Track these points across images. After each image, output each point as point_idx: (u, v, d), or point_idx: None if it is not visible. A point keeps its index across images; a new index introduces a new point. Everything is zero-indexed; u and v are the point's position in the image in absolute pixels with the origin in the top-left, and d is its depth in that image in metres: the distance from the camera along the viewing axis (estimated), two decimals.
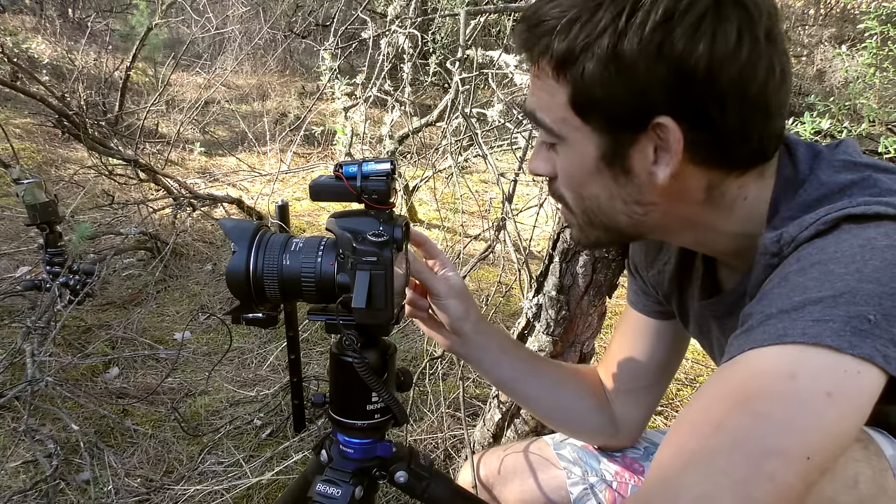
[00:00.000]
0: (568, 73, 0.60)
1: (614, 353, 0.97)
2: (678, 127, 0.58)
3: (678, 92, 0.57)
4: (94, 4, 7.31)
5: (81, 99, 3.99)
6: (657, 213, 0.66)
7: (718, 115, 0.58)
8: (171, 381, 2.04)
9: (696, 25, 0.55)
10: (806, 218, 0.59)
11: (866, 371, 0.48)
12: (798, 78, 5.47)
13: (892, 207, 0.55)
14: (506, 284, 2.34)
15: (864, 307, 0.49)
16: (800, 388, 0.48)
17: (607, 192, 0.66)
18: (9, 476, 1.57)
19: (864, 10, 3.82)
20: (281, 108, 5.78)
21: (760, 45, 0.57)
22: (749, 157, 0.63)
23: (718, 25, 0.55)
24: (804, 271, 0.54)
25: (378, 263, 0.72)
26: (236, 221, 0.77)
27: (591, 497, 0.97)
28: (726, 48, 0.55)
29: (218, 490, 1.54)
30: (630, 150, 0.62)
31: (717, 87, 0.57)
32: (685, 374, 2.24)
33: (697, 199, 0.65)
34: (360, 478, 0.83)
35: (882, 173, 0.61)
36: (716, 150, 0.61)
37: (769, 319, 0.53)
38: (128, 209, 3.22)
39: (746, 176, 0.64)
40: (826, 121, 1.74)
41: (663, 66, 0.56)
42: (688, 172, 0.62)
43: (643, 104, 0.59)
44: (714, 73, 0.56)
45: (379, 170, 0.72)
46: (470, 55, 2.01)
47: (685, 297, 0.83)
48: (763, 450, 0.47)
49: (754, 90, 0.58)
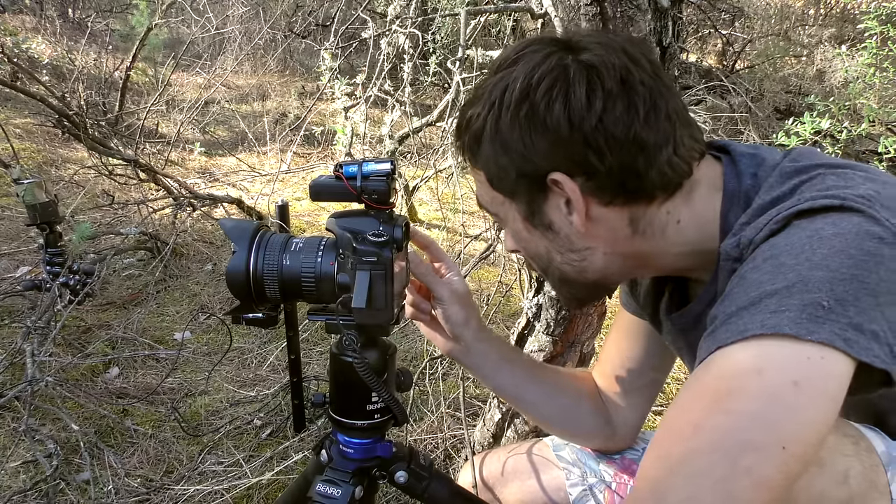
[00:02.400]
0: (475, 160, 0.71)
1: (609, 354, 0.98)
2: (570, 179, 0.66)
3: (556, 151, 0.65)
4: (94, 4, 7.31)
5: (81, 99, 3.98)
6: (596, 256, 0.71)
7: (598, 161, 0.64)
8: (171, 381, 2.04)
9: (549, 93, 0.63)
10: (760, 220, 0.61)
11: (830, 356, 0.50)
12: (798, 78, 5.47)
13: (837, 199, 0.57)
14: (506, 284, 2.34)
15: (816, 294, 0.51)
16: (767, 382, 0.50)
17: (544, 247, 0.73)
18: (9, 476, 1.57)
19: (864, 10, 3.82)
20: (281, 108, 5.79)
21: (613, 93, 0.63)
22: (655, 187, 0.67)
23: (568, 88, 0.63)
24: (758, 268, 0.56)
25: (378, 263, 0.72)
26: (236, 221, 0.77)
27: (590, 498, 0.97)
28: (580, 105, 0.63)
29: (218, 490, 1.54)
30: (544, 207, 0.70)
31: (585, 139, 0.63)
32: (685, 374, 2.24)
33: (626, 234, 0.69)
34: (360, 478, 0.83)
35: (831, 170, 0.63)
36: (615, 190, 0.66)
37: (730, 318, 0.55)
38: (128, 209, 3.22)
39: (672, 201, 0.68)
40: (826, 121, 1.74)
41: (534, 132, 0.65)
42: (603, 214, 0.68)
43: (533, 168, 0.66)
44: (576, 128, 0.63)
45: (379, 170, 0.72)
46: (470, 55, 2.01)
47: (659, 314, 0.85)
48: (739, 446, 0.49)
49: (620, 132, 0.63)
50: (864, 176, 0.61)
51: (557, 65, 0.64)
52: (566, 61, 0.64)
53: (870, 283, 0.51)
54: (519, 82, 0.65)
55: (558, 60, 0.64)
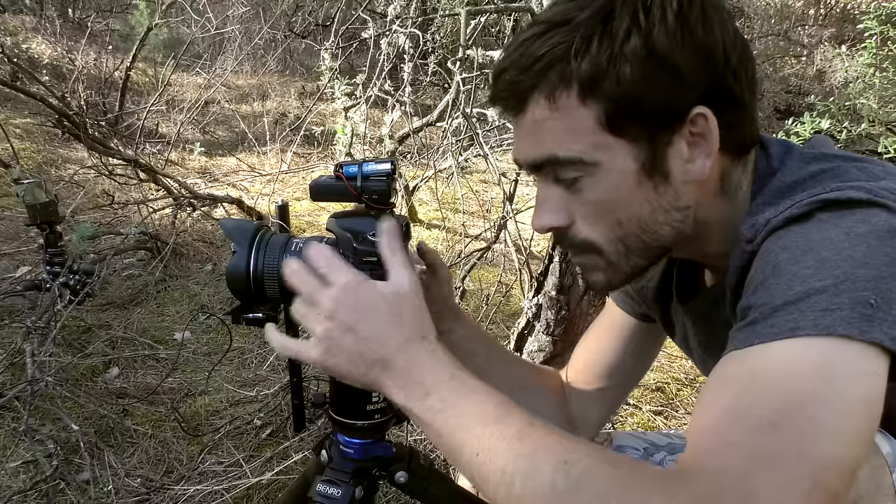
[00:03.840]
0: (598, 90, 0.59)
1: (589, 350, 0.97)
2: (713, 113, 0.60)
3: (708, 77, 0.60)
4: (94, 4, 7.31)
5: (81, 99, 3.99)
6: (690, 219, 0.66)
7: (740, 93, 0.61)
8: (171, 381, 2.04)
9: (703, 14, 0.59)
10: (780, 204, 0.60)
11: (881, 356, 0.49)
12: (798, 78, 5.47)
13: (863, 192, 0.56)
14: (506, 284, 2.35)
15: (864, 292, 0.50)
16: (840, 391, 0.48)
17: (649, 206, 0.64)
18: (9, 476, 1.57)
19: (864, 10, 3.82)
20: (281, 109, 5.79)
21: (740, 32, 0.63)
22: (751, 138, 0.66)
23: (716, 15, 0.60)
24: (796, 260, 0.54)
25: (378, 263, 0.72)
26: (237, 221, 0.77)
27: None
28: (728, 33, 0.60)
29: (218, 490, 1.54)
30: (668, 152, 0.62)
31: (733, 67, 0.60)
32: (685, 374, 2.24)
33: (715, 191, 0.66)
34: (360, 478, 0.83)
35: (852, 163, 0.62)
36: (737, 132, 0.64)
37: (775, 312, 0.52)
38: (128, 209, 3.23)
39: (742, 161, 0.67)
40: (826, 121, 1.74)
41: (691, 53, 0.59)
42: (714, 162, 0.64)
43: (682, 96, 0.60)
44: (728, 55, 0.60)
45: (379, 170, 0.72)
46: (470, 55, 2.01)
47: (669, 310, 0.84)
48: (822, 459, 0.47)
49: (752, 69, 0.63)
50: (882, 170, 0.61)
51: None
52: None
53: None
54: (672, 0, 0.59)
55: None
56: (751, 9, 5.61)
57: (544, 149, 0.63)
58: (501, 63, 0.64)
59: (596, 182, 0.63)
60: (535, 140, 0.63)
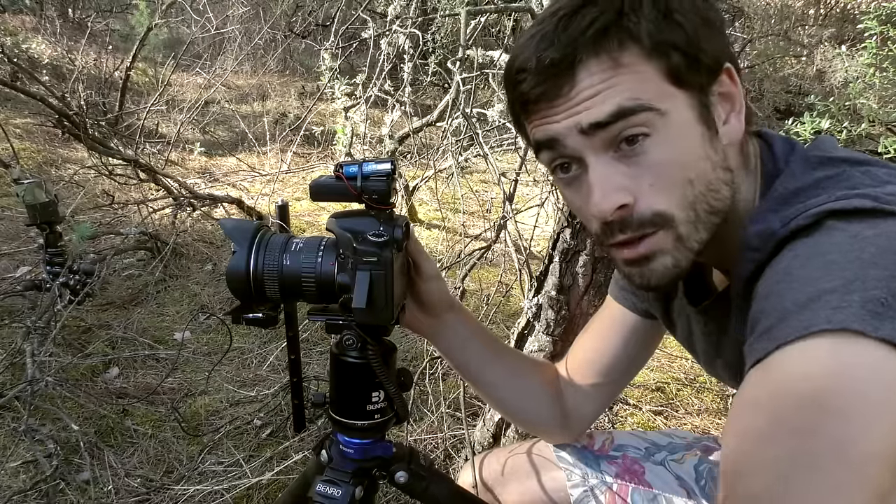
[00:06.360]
0: (661, 44, 0.60)
1: (587, 345, 0.97)
2: (733, 68, 0.64)
3: (725, 35, 0.64)
4: (94, 4, 7.31)
5: (81, 99, 3.99)
6: (733, 186, 0.67)
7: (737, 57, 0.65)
8: (171, 381, 2.04)
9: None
10: (787, 213, 0.60)
11: (892, 353, 0.49)
12: (798, 78, 5.47)
13: (868, 199, 0.56)
14: (506, 284, 2.34)
15: (874, 291, 0.50)
16: (868, 390, 0.48)
17: (710, 162, 0.63)
18: (9, 476, 1.57)
19: (864, 10, 3.82)
20: (281, 109, 5.79)
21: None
22: (751, 114, 0.67)
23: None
24: (805, 266, 0.55)
25: (378, 264, 0.71)
26: (236, 221, 0.77)
27: (591, 499, 0.97)
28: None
29: (218, 490, 1.54)
30: (714, 105, 0.64)
31: (726, 33, 0.65)
32: (685, 374, 2.24)
33: (741, 162, 0.68)
34: (360, 478, 0.83)
35: (856, 167, 0.62)
36: (745, 97, 0.66)
37: (789, 315, 0.53)
38: (128, 209, 3.23)
39: (750, 137, 0.69)
40: (826, 121, 1.74)
41: (716, 14, 0.64)
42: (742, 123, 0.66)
43: (721, 51, 0.64)
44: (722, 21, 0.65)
45: (379, 170, 0.72)
46: (470, 55, 2.01)
47: (671, 309, 0.84)
48: (861, 457, 0.47)
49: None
50: (887, 172, 0.61)
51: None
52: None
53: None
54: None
55: None
56: (751, 9, 5.60)
57: (611, 104, 0.61)
58: (533, 52, 0.62)
59: (662, 139, 0.62)
60: (597, 100, 0.61)
